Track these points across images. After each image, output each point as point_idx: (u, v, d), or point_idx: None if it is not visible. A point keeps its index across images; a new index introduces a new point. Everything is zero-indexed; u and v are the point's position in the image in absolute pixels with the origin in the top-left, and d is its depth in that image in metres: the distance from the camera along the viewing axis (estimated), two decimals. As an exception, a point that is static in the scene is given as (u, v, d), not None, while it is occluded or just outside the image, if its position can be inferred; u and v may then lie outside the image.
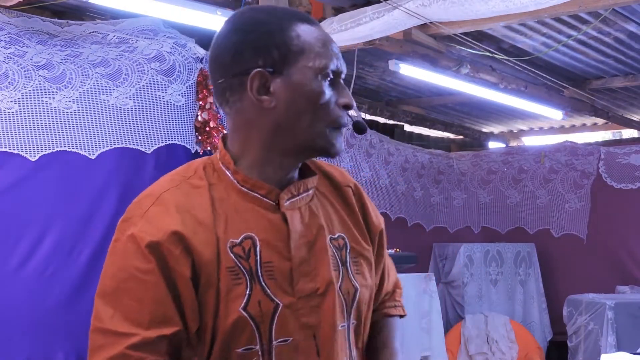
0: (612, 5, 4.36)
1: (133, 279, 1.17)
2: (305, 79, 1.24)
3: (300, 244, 1.26)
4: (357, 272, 1.34)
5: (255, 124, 1.26)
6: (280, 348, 1.22)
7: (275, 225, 1.25)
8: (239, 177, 1.27)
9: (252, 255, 1.22)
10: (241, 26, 1.27)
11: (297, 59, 1.24)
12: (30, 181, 4.00)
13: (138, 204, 1.27)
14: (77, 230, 4.06)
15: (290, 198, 1.28)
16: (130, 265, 1.18)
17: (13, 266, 3.92)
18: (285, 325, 1.22)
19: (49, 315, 3.95)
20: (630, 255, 6.69)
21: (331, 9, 4.71)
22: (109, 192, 4.16)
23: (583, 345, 5.49)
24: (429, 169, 7.48)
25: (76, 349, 4.02)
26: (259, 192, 1.27)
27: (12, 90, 4.02)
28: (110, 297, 1.19)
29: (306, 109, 1.24)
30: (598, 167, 7.03)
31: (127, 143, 4.24)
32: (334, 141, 1.27)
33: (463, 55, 5.49)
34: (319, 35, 1.28)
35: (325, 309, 1.26)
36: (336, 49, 1.30)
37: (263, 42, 1.24)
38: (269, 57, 1.24)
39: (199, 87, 4.55)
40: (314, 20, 1.31)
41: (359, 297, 1.32)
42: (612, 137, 10.46)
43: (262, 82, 1.24)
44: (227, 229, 1.22)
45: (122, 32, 4.47)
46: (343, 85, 1.29)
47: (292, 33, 1.25)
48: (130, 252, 1.19)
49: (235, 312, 1.19)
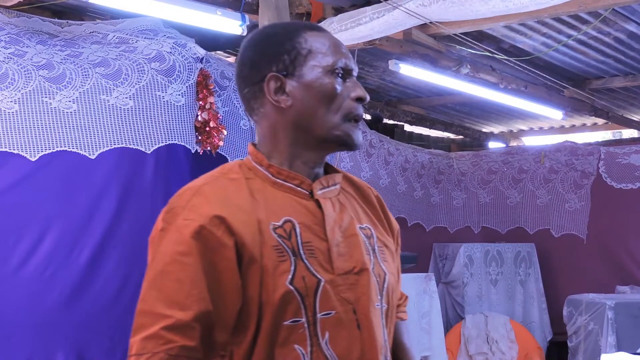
0: (612, 5, 4.36)
1: (175, 263, 1.28)
2: (315, 76, 1.38)
3: (334, 227, 1.37)
4: (384, 259, 1.44)
5: (278, 124, 1.40)
6: (325, 320, 1.31)
7: (311, 211, 1.38)
8: (273, 170, 1.39)
9: (294, 236, 1.33)
10: (255, 41, 1.44)
11: (306, 60, 1.39)
12: (30, 181, 4.00)
13: (180, 196, 1.37)
14: (77, 230, 4.06)
15: (322, 188, 1.41)
16: (174, 251, 1.29)
17: (13, 266, 3.92)
18: (327, 300, 1.32)
19: (49, 315, 3.95)
20: (630, 255, 6.69)
21: (331, 9, 4.71)
22: (108, 192, 4.15)
23: (583, 345, 5.49)
24: (429, 169, 7.48)
25: (76, 349, 4.02)
26: (293, 182, 1.39)
27: (12, 90, 4.01)
28: (154, 280, 1.30)
29: (319, 103, 1.38)
30: (598, 167, 7.03)
31: (127, 143, 4.23)
32: (350, 132, 1.39)
33: (463, 55, 5.49)
34: (326, 39, 1.42)
35: (361, 287, 1.36)
36: (345, 49, 1.43)
37: (274, 50, 1.40)
38: (281, 62, 1.39)
39: (199, 87, 4.55)
40: (322, 29, 1.46)
41: (388, 281, 1.43)
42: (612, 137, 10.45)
43: (277, 84, 1.38)
44: (268, 213, 1.34)
45: (122, 32, 4.47)
46: (355, 80, 1.42)
47: (300, 39, 1.40)
48: (174, 238, 1.30)
49: (283, 287, 1.29)
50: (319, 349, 1.31)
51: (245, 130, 5.04)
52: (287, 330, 1.29)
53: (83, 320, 4.03)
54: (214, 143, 4.59)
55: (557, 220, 7.14)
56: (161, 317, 1.26)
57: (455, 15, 4.25)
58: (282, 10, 3.95)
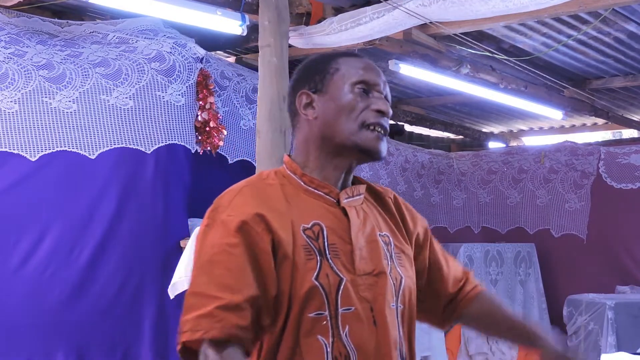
0: (612, 5, 4.36)
1: (224, 253, 1.40)
2: (339, 90, 1.53)
3: (358, 233, 1.51)
4: (400, 264, 1.57)
5: (309, 136, 1.56)
6: (345, 315, 1.44)
7: (338, 217, 1.51)
8: (306, 179, 1.54)
9: (321, 238, 1.47)
10: (300, 67, 1.63)
11: (332, 78, 1.55)
12: (30, 181, 4.00)
13: (222, 197, 1.50)
14: (77, 230, 4.06)
15: (347, 197, 1.55)
16: (222, 242, 1.41)
17: (13, 266, 3.92)
18: (348, 297, 1.44)
19: (49, 315, 3.95)
20: (630, 255, 6.69)
21: (331, 9, 4.71)
22: (109, 192, 4.15)
23: (583, 345, 5.49)
24: (429, 169, 7.47)
25: (76, 348, 4.02)
26: (323, 191, 1.53)
27: (12, 90, 4.02)
28: (205, 268, 1.40)
29: (340, 113, 1.52)
30: (598, 167, 7.03)
31: (127, 143, 4.23)
32: (367, 139, 1.52)
33: (463, 55, 5.48)
34: (358, 61, 1.57)
35: (379, 288, 1.49)
36: (374, 70, 1.57)
37: (309, 72, 1.59)
38: (312, 81, 1.56)
39: (199, 87, 4.55)
40: (360, 55, 1.61)
41: (404, 284, 1.55)
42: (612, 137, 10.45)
43: (307, 100, 1.55)
44: (300, 216, 1.47)
45: (122, 32, 4.47)
46: (380, 95, 1.55)
47: (332, 62, 1.57)
48: (220, 232, 1.42)
49: (309, 282, 1.42)
50: (339, 340, 1.43)
51: (245, 130, 5.04)
52: (312, 322, 1.41)
53: (83, 320, 4.03)
54: (214, 143, 4.59)
55: (557, 220, 7.14)
56: (213, 299, 1.36)
57: (455, 15, 4.25)
58: (282, 10, 3.95)
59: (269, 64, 3.88)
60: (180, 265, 3.95)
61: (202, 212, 1.53)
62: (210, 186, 4.60)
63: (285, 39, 3.98)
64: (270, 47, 3.88)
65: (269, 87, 3.84)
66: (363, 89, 1.53)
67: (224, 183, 1.70)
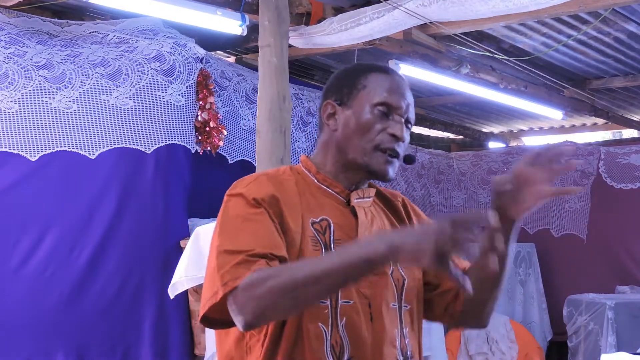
0: (612, 5, 4.36)
1: (248, 220, 1.44)
2: (360, 108, 1.56)
3: (364, 232, 1.55)
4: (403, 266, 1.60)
5: (328, 144, 1.61)
6: (344, 307, 1.49)
7: (346, 216, 1.57)
8: (320, 177, 1.60)
9: (328, 232, 1.52)
10: (332, 75, 1.68)
11: (359, 94, 1.58)
12: (30, 181, 4.00)
13: (241, 181, 1.54)
14: (77, 230, 4.06)
15: (358, 198, 1.59)
16: (244, 212, 1.46)
17: (13, 266, 3.92)
18: (348, 290, 1.49)
19: (49, 315, 3.95)
20: (630, 255, 6.69)
21: (331, 9, 4.71)
22: (109, 192, 4.15)
23: (583, 345, 5.49)
24: (429, 169, 7.47)
25: (76, 348, 4.02)
26: (334, 190, 1.59)
27: (12, 90, 4.02)
28: (230, 235, 1.44)
29: (357, 132, 1.55)
30: (598, 167, 7.03)
31: (127, 143, 4.23)
32: (377, 161, 1.55)
33: (463, 55, 5.48)
34: (388, 80, 1.59)
35: (379, 286, 1.53)
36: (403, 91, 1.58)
37: (339, 84, 1.62)
38: (340, 93, 1.60)
39: (199, 87, 4.55)
40: (392, 71, 1.63)
41: (408, 285, 1.59)
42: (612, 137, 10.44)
43: (331, 111, 1.60)
44: (309, 210, 1.53)
45: (122, 32, 4.47)
46: (400, 120, 1.57)
47: (362, 76, 1.59)
48: (241, 203, 1.47)
49: None
50: (337, 329, 1.48)
51: (245, 130, 5.04)
52: (315, 309, 1.46)
53: (83, 320, 4.03)
54: (214, 143, 4.59)
55: (557, 220, 7.14)
56: (243, 252, 1.39)
57: (455, 15, 4.25)
58: (282, 10, 3.95)
59: (269, 64, 3.88)
60: (180, 265, 3.95)
61: (202, 212, 1.55)
62: (210, 186, 4.64)
63: (285, 39, 3.98)
64: (270, 47, 3.88)
65: (269, 87, 3.84)
66: (384, 112, 1.56)
67: (224, 183, 1.70)
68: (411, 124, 1.62)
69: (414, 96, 1.69)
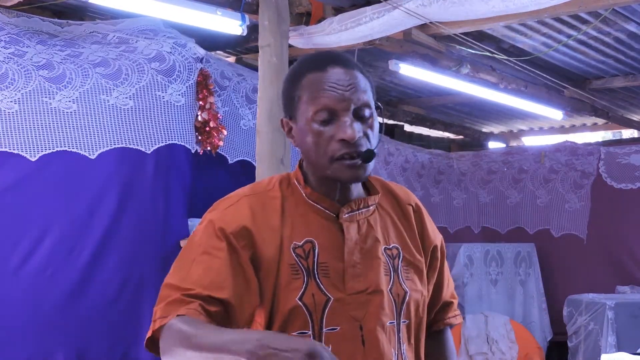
0: (612, 5, 4.36)
1: (205, 254, 1.41)
2: (303, 122, 1.47)
3: (353, 250, 1.48)
4: (407, 278, 1.54)
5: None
6: (329, 335, 1.43)
7: (334, 233, 1.48)
8: (307, 191, 1.51)
9: (311, 256, 1.45)
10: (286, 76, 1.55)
11: (299, 106, 1.48)
12: (30, 181, 4.00)
13: (223, 201, 1.51)
14: (77, 230, 4.06)
15: (350, 212, 1.50)
16: (206, 243, 1.43)
17: (13, 266, 3.91)
18: (334, 316, 1.43)
19: (49, 315, 3.95)
20: (630, 255, 6.69)
21: (331, 9, 4.71)
22: (109, 192, 4.15)
23: (583, 345, 5.49)
24: (429, 169, 7.47)
25: (76, 349, 4.02)
26: (322, 205, 1.50)
27: (12, 90, 4.02)
28: (182, 265, 1.42)
29: (309, 148, 1.47)
30: (598, 167, 7.03)
31: (127, 143, 4.23)
32: (339, 172, 1.45)
33: (463, 55, 5.49)
34: (321, 79, 1.45)
35: (372, 306, 1.46)
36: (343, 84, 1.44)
37: (283, 97, 1.53)
38: (286, 108, 1.52)
39: (199, 87, 4.55)
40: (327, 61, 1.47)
41: (409, 299, 1.52)
42: (612, 137, 10.46)
43: (287, 127, 1.53)
44: (292, 233, 1.46)
45: (122, 32, 4.47)
46: (345, 120, 1.44)
47: (297, 85, 1.48)
48: (208, 232, 1.44)
49: (293, 301, 1.42)
50: None
51: (245, 130, 5.04)
52: None
53: (83, 320, 4.03)
54: (214, 143, 4.58)
55: (557, 220, 7.14)
56: (185, 289, 1.37)
57: (455, 15, 4.25)
58: (282, 10, 3.95)
59: (269, 64, 3.88)
60: (180, 265, 3.94)
61: (202, 212, 1.53)
62: (210, 186, 4.65)
63: (285, 38, 3.99)
64: (270, 47, 3.89)
65: (269, 87, 3.84)
66: (326, 117, 1.44)
67: (224, 183, 1.71)
68: (366, 111, 1.46)
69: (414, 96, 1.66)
